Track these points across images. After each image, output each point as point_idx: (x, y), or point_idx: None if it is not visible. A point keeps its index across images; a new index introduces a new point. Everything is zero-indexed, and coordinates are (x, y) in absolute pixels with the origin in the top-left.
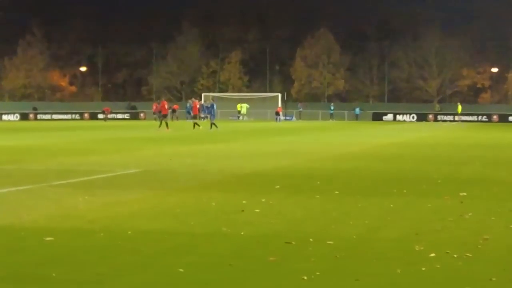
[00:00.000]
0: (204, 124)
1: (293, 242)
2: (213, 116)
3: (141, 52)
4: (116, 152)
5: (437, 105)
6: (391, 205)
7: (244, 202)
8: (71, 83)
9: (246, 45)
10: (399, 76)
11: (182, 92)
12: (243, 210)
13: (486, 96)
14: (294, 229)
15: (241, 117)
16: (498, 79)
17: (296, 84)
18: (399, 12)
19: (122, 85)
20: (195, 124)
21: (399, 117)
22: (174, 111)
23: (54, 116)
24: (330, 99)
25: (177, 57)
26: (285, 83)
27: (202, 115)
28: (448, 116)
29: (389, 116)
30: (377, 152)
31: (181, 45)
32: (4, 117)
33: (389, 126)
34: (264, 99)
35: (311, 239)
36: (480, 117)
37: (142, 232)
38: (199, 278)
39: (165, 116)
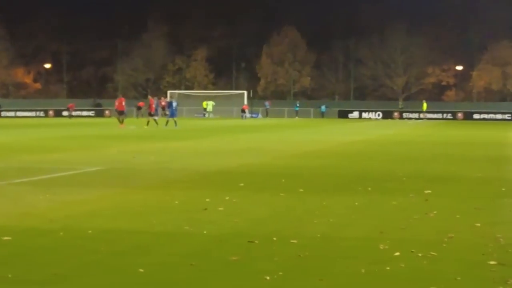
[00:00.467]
0: (161, 121)
1: (256, 241)
2: (172, 114)
3: (107, 49)
4: (80, 149)
5: (400, 103)
6: (356, 203)
7: (207, 200)
8: (35, 80)
9: (212, 42)
10: (365, 73)
11: (148, 89)
12: (206, 209)
13: (451, 94)
14: (258, 227)
15: (206, 115)
16: (463, 77)
17: (262, 82)
18: (365, 10)
19: (87, 82)
20: (148, 121)
21: (364, 115)
22: (139, 108)
23: (18, 114)
24: (296, 96)
25: (142, 54)
26: (251, 81)
27: (167, 113)
28: (414, 114)
29: (355, 114)
30: (343, 149)
31: (147, 42)
32: None
33: (355, 123)
34: (230, 96)
35: (274, 238)
36: (445, 115)
37: (103, 231)
38: (159, 278)
39: (121, 113)
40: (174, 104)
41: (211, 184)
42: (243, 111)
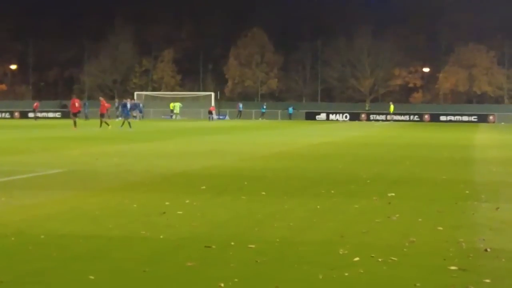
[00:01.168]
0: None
1: (213, 246)
2: (126, 114)
3: (73, 49)
4: (42, 151)
5: (367, 105)
6: (318, 206)
7: (167, 203)
8: (0, 81)
9: (179, 44)
10: (332, 75)
11: (115, 90)
12: (164, 212)
13: (418, 95)
14: (216, 232)
15: (174, 116)
16: (429, 79)
17: (229, 83)
18: (331, 11)
19: (54, 84)
20: (102, 122)
21: (332, 117)
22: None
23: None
24: (263, 98)
25: (109, 55)
26: (218, 82)
27: (134, 114)
28: (381, 116)
29: (322, 116)
30: (308, 151)
31: (114, 43)
32: None
33: (322, 125)
34: (197, 98)
35: (232, 243)
36: (412, 117)
37: (56, 236)
38: (110, 285)
39: (74, 114)
40: (129, 105)
41: (172, 187)
42: (210, 112)
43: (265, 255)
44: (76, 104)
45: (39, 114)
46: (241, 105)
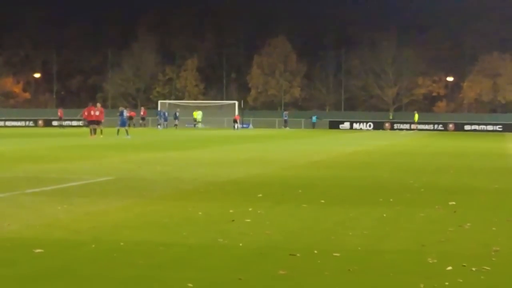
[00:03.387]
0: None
1: (298, 254)
2: (122, 123)
3: (96, 58)
4: (81, 159)
5: (391, 114)
6: (384, 215)
7: (231, 211)
8: (24, 90)
9: (202, 52)
10: (356, 84)
11: (138, 99)
12: (233, 220)
13: (441, 104)
14: (293, 240)
15: (196, 125)
16: (453, 88)
17: (252, 92)
18: (355, 20)
19: (77, 92)
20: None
21: (355, 126)
22: (131, 118)
23: (8, 123)
24: (286, 107)
25: (132, 64)
26: (242, 91)
27: (159, 122)
28: (405, 125)
29: (346, 125)
30: (345, 160)
31: (137, 51)
32: None
33: (348, 134)
34: (220, 106)
35: (315, 251)
36: (436, 126)
37: (135, 243)
38: None
39: (91, 122)
40: (125, 113)
41: (228, 195)
42: (235, 121)
43: (354, 263)
44: (92, 112)
45: (63, 123)
46: (285, 113)
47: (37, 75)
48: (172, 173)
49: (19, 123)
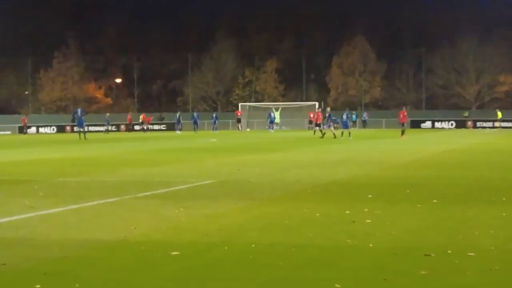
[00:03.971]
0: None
1: (433, 255)
2: (79, 124)
3: (176, 62)
4: (177, 162)
5: (466, 112)
6: (503, 214)
7: (347, 212)
8: (106, 95)
9: (281, 54)
10: (436, 83)
11: (218, 102)
12: (354, 221)
13: None
14: (421, 240)
15: (274, 126)
16: None
17: (332, 93)
18: (435, 18)
19: (157, 96)
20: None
21: (437, 124)
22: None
23: (91, 128)
24: (367, 107)
25: (212, 67)
26: (321, 92)
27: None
28: (487, 123)
29: (427, 124)
30: (441, 159)
31: (216, 55)
32: (41, 129)
33: (431, 133)
34: (300, 108)
35: (449, 251)
36: None
37: (266, 245)
38: None
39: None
40: (79, 112)
41: (337, 196)
42: (311, 122)
43: (493, 263)
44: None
45: (145, 127)
46: (365, 114)
47: (118, 80)
48: (274, 175)
49: (102, 128)
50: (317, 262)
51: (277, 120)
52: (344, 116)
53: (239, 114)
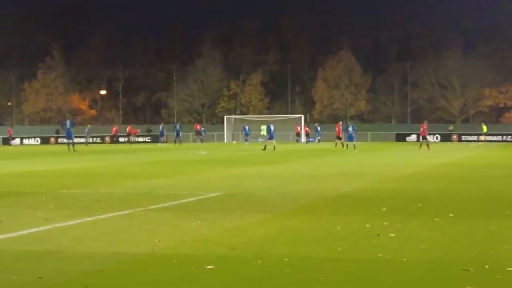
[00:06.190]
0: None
1: (472, 269)
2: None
3: (161, 74)
4: (177, 174)
5: (451, 125)
6: None
7: (367, 225)
8: (91, 107)
9: (267, 67)
10: (421, 96)
11: (203, 114)
12: (378, 235)
13: (509, 115)
14: (454, 254)
15: (261, 139)
16: None
17: (317, 105)
18: (420, 32)
19: (142, 108)
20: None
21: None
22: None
23: (76, 140)
24: (352, 120)
25: (197, 80)
26: (306, 104)
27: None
28: (472, 136)
29: (413, 137)
30: (441, 173)
31: (201, 67)
32: (25, 141)
33: (418, 147)
34: (285, 121)
35: (486, 266)
36: (504, 137)
37: (298, 258)
38: None
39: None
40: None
41: (351, 209)
42: (307, 135)
43: None
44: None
45: (131, 139)
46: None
47: (103, 92)
48: (278, 188)
49: (82, 140)
50: (356, 276)
51: (263, 133)
52: (350, 129)
53: (198, 127)
